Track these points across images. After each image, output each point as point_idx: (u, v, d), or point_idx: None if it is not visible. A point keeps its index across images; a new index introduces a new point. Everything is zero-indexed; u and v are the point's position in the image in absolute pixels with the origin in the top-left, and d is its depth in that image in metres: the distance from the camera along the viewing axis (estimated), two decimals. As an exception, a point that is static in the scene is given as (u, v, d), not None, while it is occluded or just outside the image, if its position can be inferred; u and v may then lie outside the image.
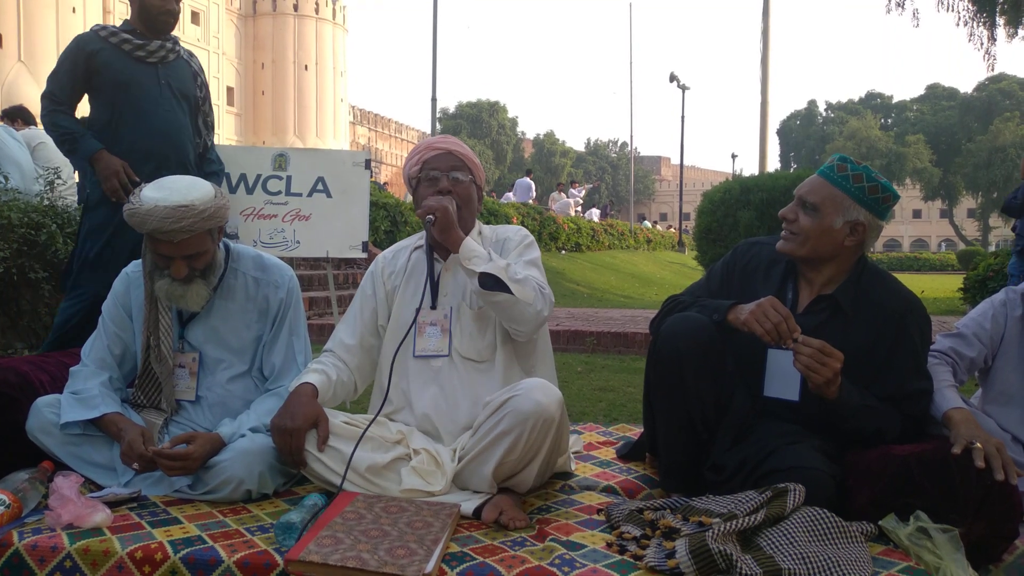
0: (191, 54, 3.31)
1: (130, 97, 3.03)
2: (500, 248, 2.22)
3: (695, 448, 2.05)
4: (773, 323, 1.88)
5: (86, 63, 3.01)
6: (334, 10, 49.20)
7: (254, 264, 2.30)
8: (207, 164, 3.32)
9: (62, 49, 3.09)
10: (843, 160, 2.05)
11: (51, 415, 2.09)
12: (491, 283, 2.00)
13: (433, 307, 2.18)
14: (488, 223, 2.43)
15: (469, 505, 1.90)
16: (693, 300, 2.15)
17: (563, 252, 16.81)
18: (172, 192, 2.05)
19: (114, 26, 3.11)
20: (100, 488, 2.05)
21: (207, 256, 2.14)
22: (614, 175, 66.62)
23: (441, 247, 2.18)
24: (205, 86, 3.32)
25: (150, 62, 3.06)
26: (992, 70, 14.38)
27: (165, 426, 2.18)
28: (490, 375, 2.13)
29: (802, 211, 2.05)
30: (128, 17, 3.11)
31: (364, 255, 3.97)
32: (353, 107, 57.11)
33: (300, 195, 3.91)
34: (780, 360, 2.00)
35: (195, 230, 2.05)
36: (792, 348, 1.88)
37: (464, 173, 2.20)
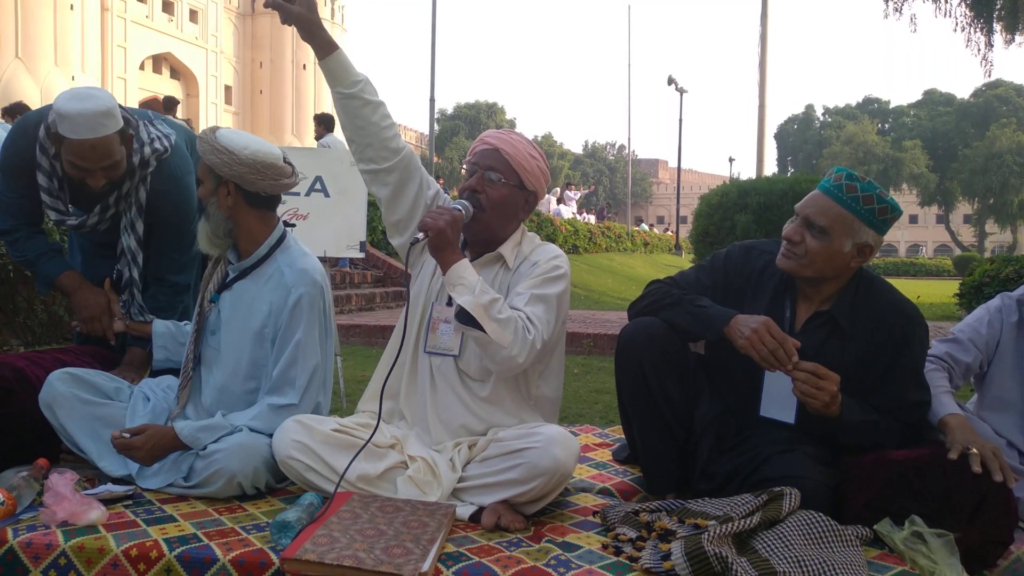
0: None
1: None
2: (527, 269, 2.06)
3: (674, 448, 2.05)
4: (769, 349, 1.83)
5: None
6: (332, 9, 49.09)
7: (290, 260, 2.21)
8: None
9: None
10: (851, 178, 1.94)
11: (63, 388, 2.13)
12: (467, 318, 1.86)
13: (449, 303, 2.04)
14: None
15: (465, 510, 1.90)
16: (682, 297, 2.04)
17: (560, 254, 16.73)
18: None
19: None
20: (95, 486, 2.05)
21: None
22: (611, 178, 66.58)
23: (471, 241, 2.10)
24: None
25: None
26: (989, 76, 14.39)
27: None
28: (487, 394, 2.04)
29: (808, 233, 1.95)
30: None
31: (361, 255, 3.97)
32: (351, 107, 56.92)
33: (298, 194, 3.91)
34: (776, 381, 1.96)
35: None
36: (789, 374, 1.85)
37: (503, 175, 2.04)
